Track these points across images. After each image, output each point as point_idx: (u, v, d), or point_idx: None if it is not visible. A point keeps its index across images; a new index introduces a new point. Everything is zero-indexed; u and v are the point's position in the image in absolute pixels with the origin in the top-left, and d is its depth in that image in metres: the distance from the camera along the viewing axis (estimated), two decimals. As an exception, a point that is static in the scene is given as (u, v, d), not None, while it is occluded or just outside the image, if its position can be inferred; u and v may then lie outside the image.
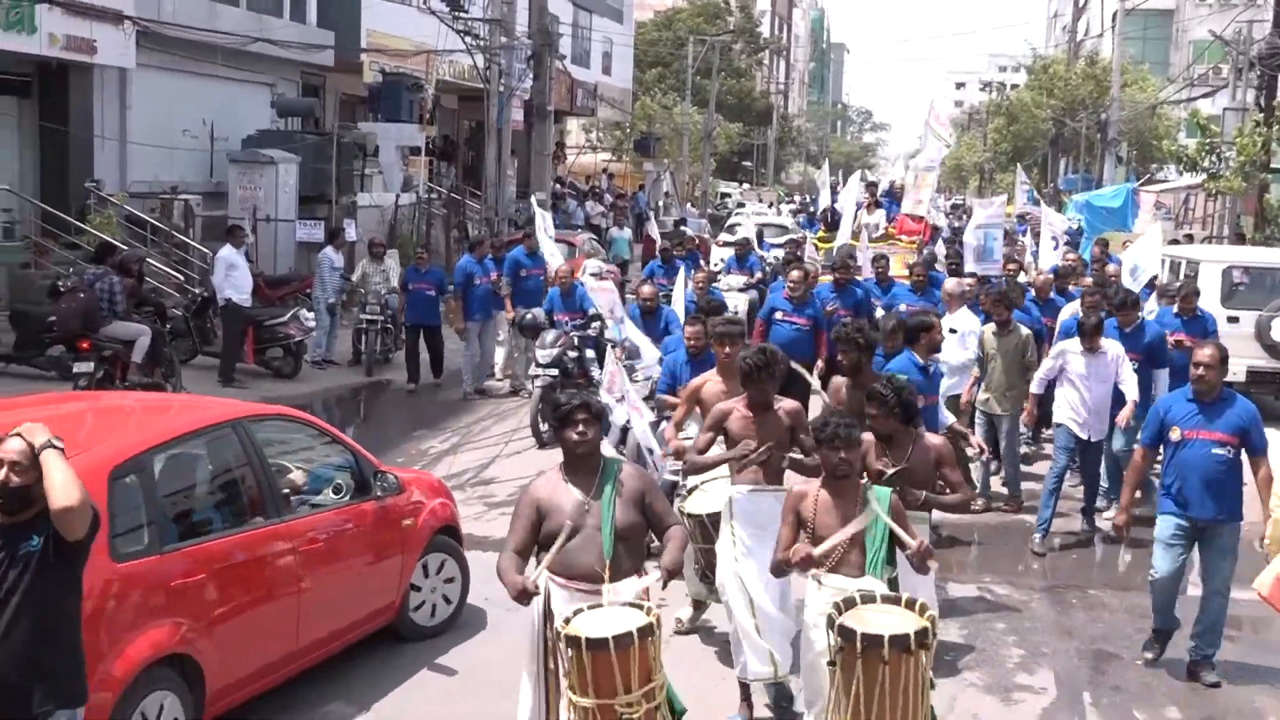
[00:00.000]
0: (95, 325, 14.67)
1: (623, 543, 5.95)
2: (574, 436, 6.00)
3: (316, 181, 24.44)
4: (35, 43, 19.74)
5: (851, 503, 6.21)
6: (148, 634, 6.22)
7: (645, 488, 6.17)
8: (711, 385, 8.77)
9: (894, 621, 5.45)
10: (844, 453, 6.21)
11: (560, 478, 6.09)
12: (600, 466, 6.08)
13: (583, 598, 5.80)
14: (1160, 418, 8.43)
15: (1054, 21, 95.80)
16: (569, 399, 6.05)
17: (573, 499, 5.98)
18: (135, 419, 7.46)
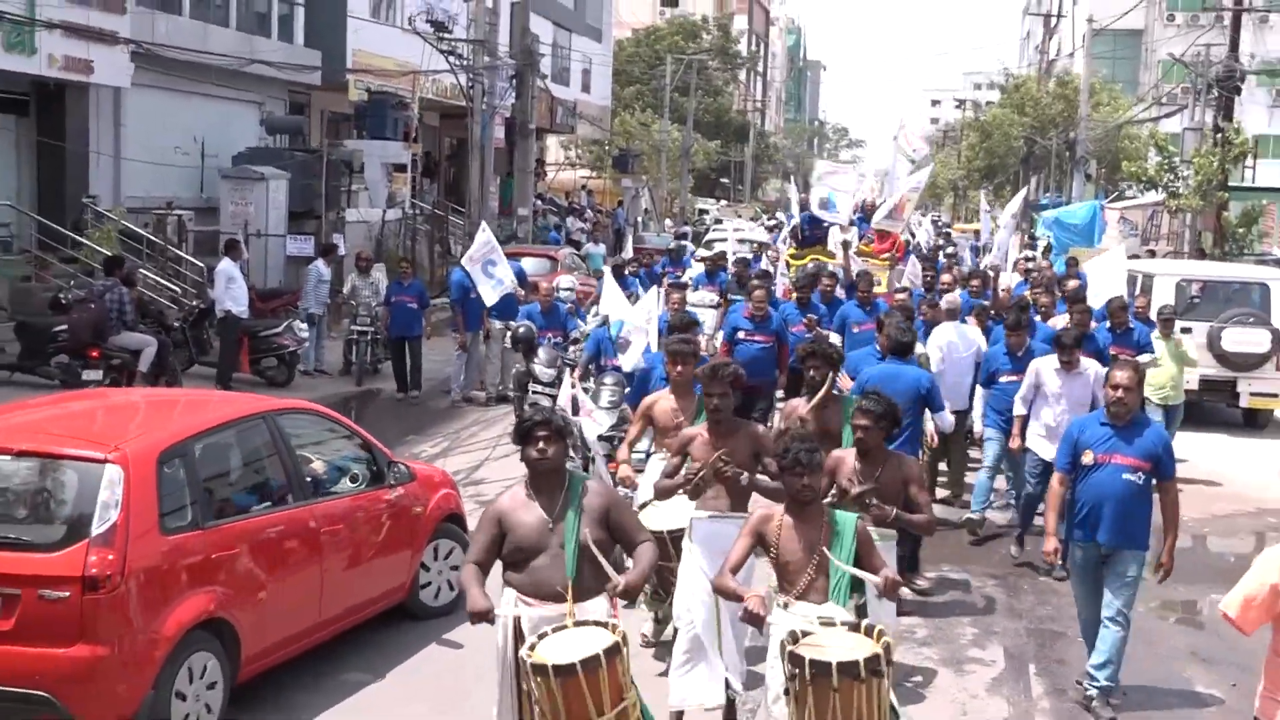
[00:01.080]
0: (105, 335, 15.38)
1: (587, 562, 5.91)
2: (534, 454, 5.98)
3: (305, 197, 25.13)
4: (35, 63, 20.38)
5: (816, 528, 6.19)
6: (192, 599, 6.97)
7: (610, 504, 6.13)
8: (663, 403, 8.76)
9: (846, 648, 5.45)
10: (806, 478, 6.18)
11: (524, 494, 6.08)
12: (565, 483, 6.06)
13: (552, 617, 5.84)
14: (1074, 440, 8.19)
15: (1027, 41, 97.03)
16: (530, 416, 6.06)
17: (536, 516, 5.98)
18: (178, 410, 8.26)
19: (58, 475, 6.97)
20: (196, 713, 7.00)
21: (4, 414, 8.03)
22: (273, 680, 7.84)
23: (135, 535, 6.70)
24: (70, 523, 6.74)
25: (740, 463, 7.42)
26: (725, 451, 7.30)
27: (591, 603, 5.94)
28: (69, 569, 6.54)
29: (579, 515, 5.96)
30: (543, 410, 6.14)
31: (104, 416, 8.16)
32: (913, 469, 7.85)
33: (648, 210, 56.86)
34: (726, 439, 7.54)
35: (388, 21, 32.20)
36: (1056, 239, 33.70)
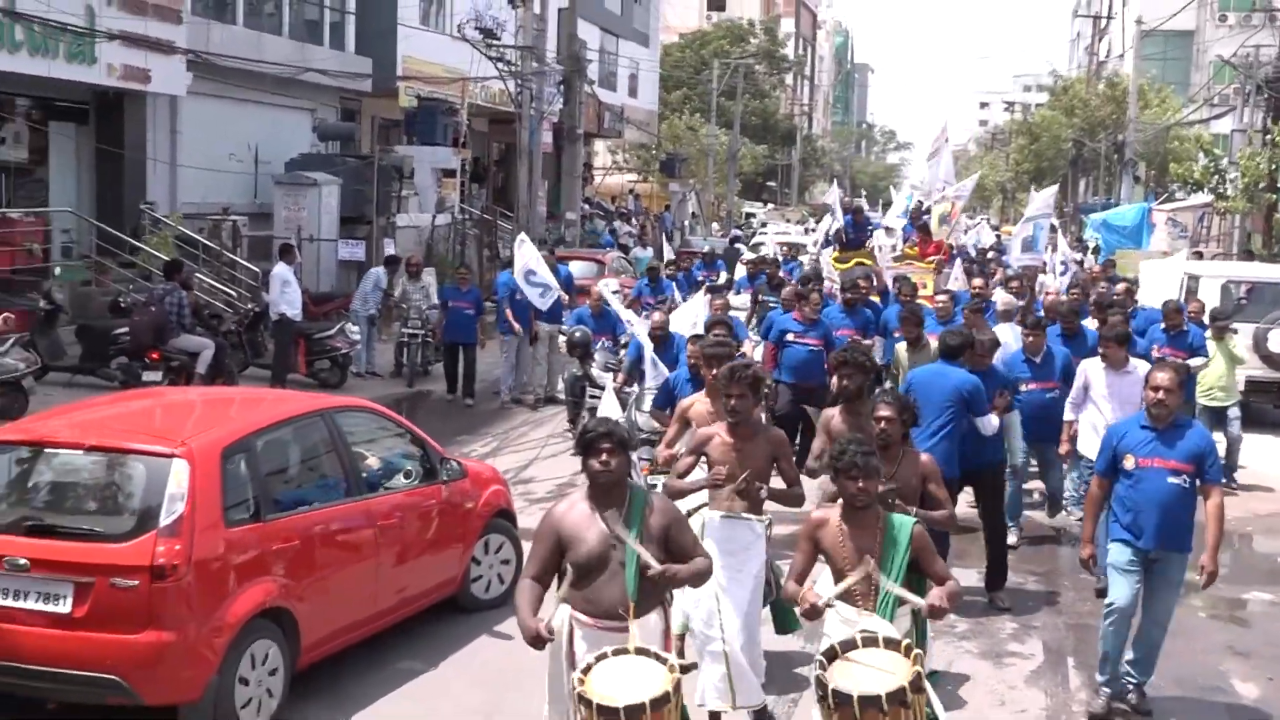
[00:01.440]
0: (164, 338, 15.80)
1: (647, 579, 5.83)
2: (597, 466, 5.85)
3: (356, 203, 25.54)
4: (95, 73, 20.86)
5: (871, 533, 6.13)
6: (254, 589, 7.28)
7: (670, 521, 5.98)
8: (700, 406, 8.66)
9: (876, 674, 5.43)
10: (862, 482, 6.09)
11: (587, 507, 5.94)
12: (628, 499, 5.95)
13: (606, 637, 5.74)
14: (1113, 446, 8.00)
15: (1076, 42, 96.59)
16: (593, 428, 5.91)
17: (597, 532, 5.84)
18: (240, 408, 8.59)
19: (127, 470, 7.30)
20: (258, 698, 7.31)
21: (72, 412, 8.38)
22: (330, 668, 8.13)
23: (200, 527, 7.02)
24: (139, 515, 7.05)
25: (757, 467, 7.40)
26: (750, 474, 7.29)
27: (648, 618, 5.86)
28: (138, 559, 6.85)
29: (641, 531, 5.84)
30: (606, 422, 5.97)
31: (169, 414, 8.50)
32: (930, 465, 7.80)
33: (695, 214, 57.07)
34: (745, 441, 7.48)
35: (437, 29, 32.61)
36: (1104, 241, 33.72)
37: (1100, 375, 10.94)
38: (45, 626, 6.89)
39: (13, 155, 22.18)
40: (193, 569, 6.93)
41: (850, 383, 8.52)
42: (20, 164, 22.31)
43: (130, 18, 21.09)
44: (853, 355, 8.72)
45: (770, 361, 14.15)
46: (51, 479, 7.50)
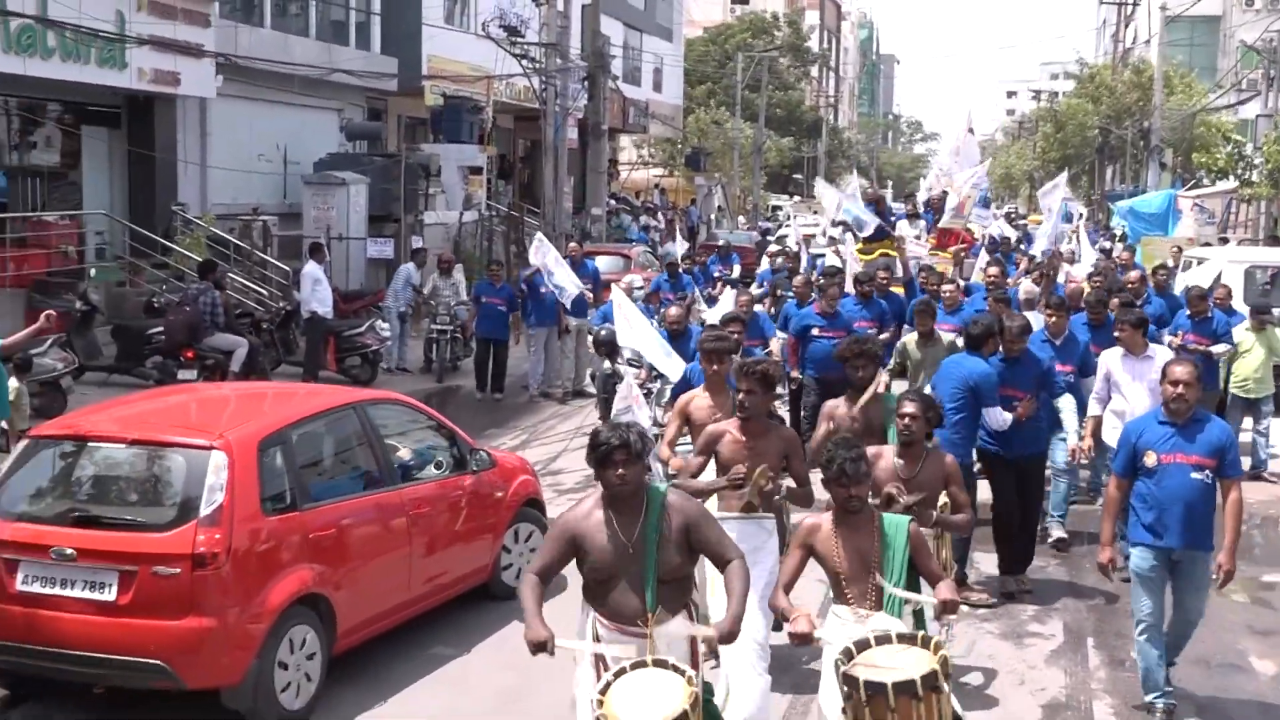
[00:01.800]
0: (199, 336, 16.10)
1: (667, 585, 5.68)
2: (613, 479, 5.63)
3: (384, 201, 25.80)
4: (126, 77, 21.18)
5: (867, 535, 6.06)
6: (292, 576, 7.53)
7: (691, 519, 5.75)
8: (699, 401, 8.44)
9: (902, 665, 5.37)
10: (852, 489, 6.01)
11: (602, 514, 5.73)
12: (644, 502, 5.72)
13: (631, 640, 5.64)
14: (1132, 443, 7.80)
15: (1103, 30, 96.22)
16: (607, 439, 5.63)
17: (614, 539, 5.66)
18: (275, 402, 8.84)
19: (167, 462, 7.55)
20: (297, 681, 7.55)
21: (113, 407, 8.65)
22: (366, 654, 8.36)
23: (239, 516, 7.26)
24: (180, 505, 7.31)
25: (769, 464, 7.34)
26: (765, 468, 7.24)
27: (672, 625, 5.71)
28: (180, 547, 7.10)
29: (659, 537, 5.65)
30: (618, 430, 5.68)
31: (207, 408, 8.77)
32: (953, 466, 7.73)
33: (721, 208, 57.20)
34: (755, 438, 7.42)
35: (461, 28, 32.85)
36: (1131, 228, 33.67)
37: (1119, 363, 10.87)
38: (91, 614, 7.15)
39: (46, 159, 22.54)
40: (232, 557, 7.17)
41: (864, 374, 8.56)
42: (54, 168, 22.67)
43: (159, 22, 21.39)
44: (864, 345, 8.76)
45: (791, 355, 14.19)
46: (95, 472, 7.75)
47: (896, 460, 7.69)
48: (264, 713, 7.34)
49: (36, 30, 18.99)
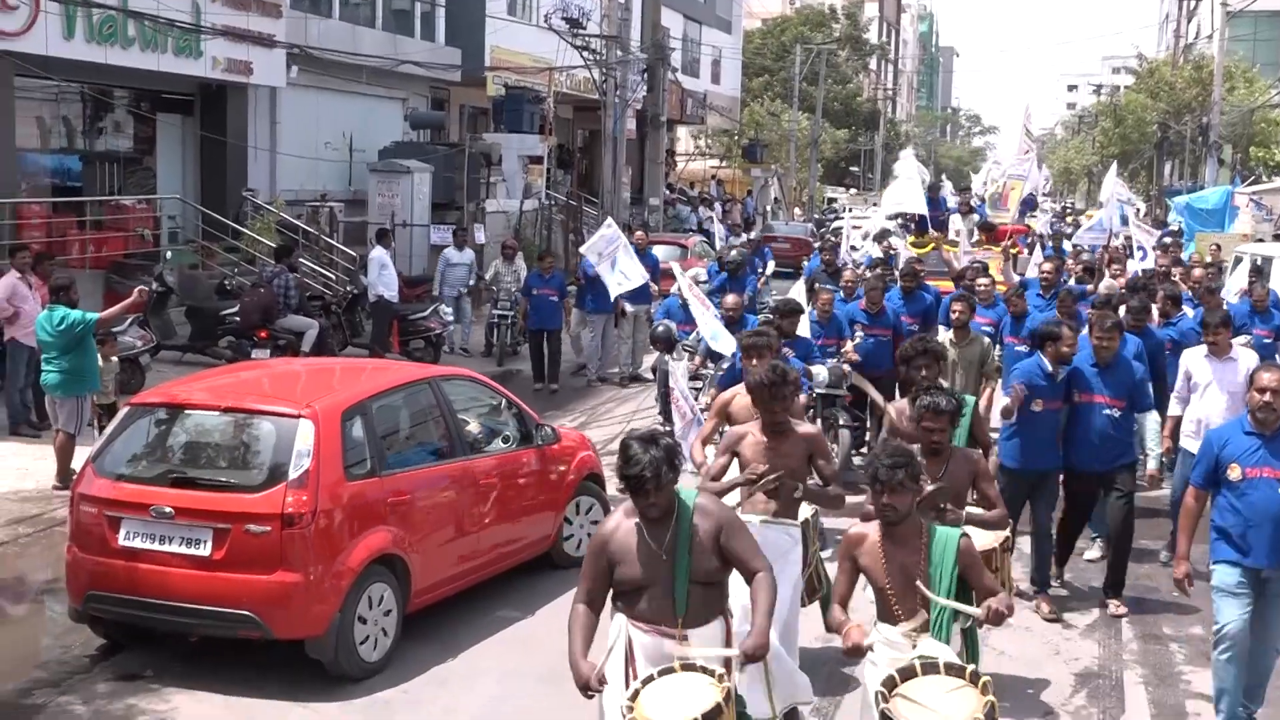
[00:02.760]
0: (273, 318, 16.75)
1: (699, 590, 5.57)
2: (644, 505, 5.54)
3: (447, 189, 26.42)
4: (200, 66, 21.86)
5: (913, 550, 5.81)
6: (371, 537, 8.09)
7: (722, 526, 5.63)
8: (741, 399, 8.29)
9: (945, 707, 5.16)
10: (886, 497, 5.75)
11: (632, 522, 5.63)
12: (675, 510, 5.60)
13: (663, 644, 5.55)
14: (1215, 454, 7.28)
15: (1165, 25, 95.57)
16: (639, 467, 5.41)
17: (644, 548, 5.57)
18: (359, 375, 9.43)
19: (258, 429, 8.13)
20: (374, 635, 8.11)
21: (204, 379, 9.25)
22: (437, 614, 8.91)
23: (325, 480, 7.82)
24: (270, 469, 7.89)
25: (793, 468, 7.16)
26: (778, 475, 7.05)
27: (707, 629, 5.62)
28: (270, 507, 7.68)
29: (690, 543, 5.55)
30: (650, 458, 5.40)
31: (294, 380, 9.35)
32: (981, 463, 7.48)
33: (777, 199, 57.52)
34: (779, 439, 7.25)
35: (523, 19, 33.42)
36: (1187, 224, 33.74)
37: (1203, 365, 10.34)
38: (188, 568, 7.74)
39: (122, 145, 23.31)
40: (317, 518, 7.74)
41: (928, 374, 8.24)
42: (129, 153, 23.42)
43: (233, 13, 22.05)
44: (929, 345, 8.56)
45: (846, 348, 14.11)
46: (191, 437, 8.35)
47: (922, 461, 7.02)
48: (344, 663, 7.91)
49: (117, 21, 19.70)
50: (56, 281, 12.58)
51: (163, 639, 8.50)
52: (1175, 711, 8.05)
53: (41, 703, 7.69)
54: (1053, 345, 9.57)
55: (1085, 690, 8.30)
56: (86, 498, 8.12)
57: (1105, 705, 8.08)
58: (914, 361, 8.43)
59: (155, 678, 8.03)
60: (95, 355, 12.44)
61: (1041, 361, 9.59)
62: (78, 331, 11.94)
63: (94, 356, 12.39)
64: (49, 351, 12.06)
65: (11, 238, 17.88)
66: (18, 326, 13.70)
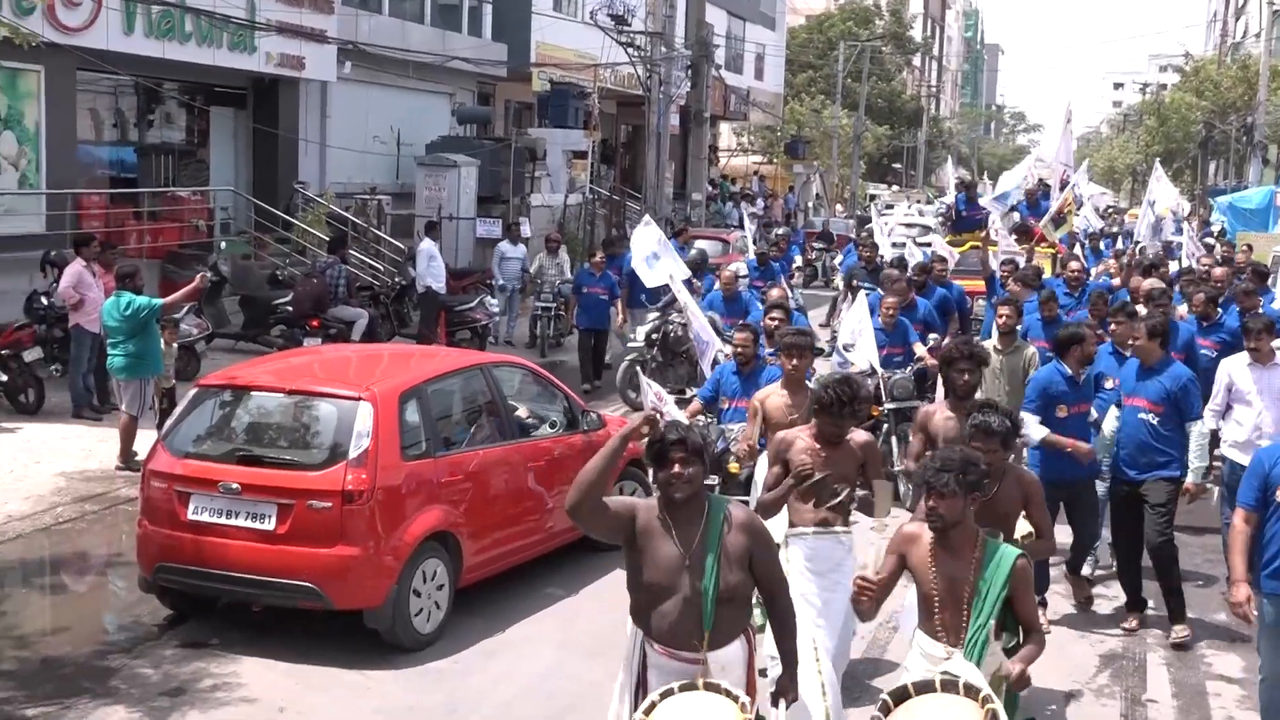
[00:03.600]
0: (324, 307, 17.23)
1: (725, 606, 5.20)
2: (671, 478, 5.16)
3: (493, 183, 26.87)
4: (254, 60, 22.38)
5: (965, 561, 5.56)
6: (425, 514, 8.52)
7: (753, 540, 5.29)
8: (775, 399, 8.26)
9: None
10: (933, 501, 5.52)
11: (660, 519, 5.24)
12: (704, 512, 5.24)
13: (682, 668, 5.17)
14: (1263, 474, 6.77)
15: (1213, 24, 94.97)
16: (663, 434, 5.18)
17: (669, 551, 5.19)
18: (414, 360, 9.86)
19: (320, 410, 8.58)
20: (428, 608, 8.52)
21: (267, 363, 9.70)
22: (487, 590, 9.32)
23: (382, 460, 8.24)
24: (331, 448, 8.32)
25: (843, 475, 6.97)
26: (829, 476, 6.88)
27: (728, 650, 5.26)
28: (331, 484, 8.11)
29: (719, 551, 5.19)
30: (678, 427, 5.29)
31: (352, 364, 9.78)
32: (1034, 486, 6.98)
33: (819, 196, 57.70)
34: (832, 448, 7.03)
35: (569, 15, 33.82)
36: (1230, 224, 33.77)
37: (1245, 373, 9.84)
38: (253, 541, 8.18)
39: (176, 137, 23.86)
40: (376, 495, 8.15)
41: (970, 379, 8.03)
42: (183, 146, 23.98)
43: (286, 8, 22.54)
44: (971, 348, 8.19)
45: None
46: (256, 417, 8.81)
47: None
48: (399, 634, 8.32)
49: (175, 16, 20.22)
50: (123, 269, 13.04)
51: (227, 609, 8.96)
52: (1196, 690, 8.36)
53: (115, 666, 8.14)
54: (1079, 348, 9.32)
55: (1109, 670, 8.64)
56: (157, 474, 8.58)
57: (1128, 684, 8.41)
58: (955, 365, 8.07)
59: (220, 645, 8.48)
60: (159, 339, 12.92)
61: (1060, 367, 9.30)
62: (143, 316, 12.40)
63: (157, 341, 12.86)
64: (115, 336, 12.52)
65: (73, 228, 18.44)
66: (82, 313, 14.20)
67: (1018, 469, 7.15)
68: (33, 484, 11.94)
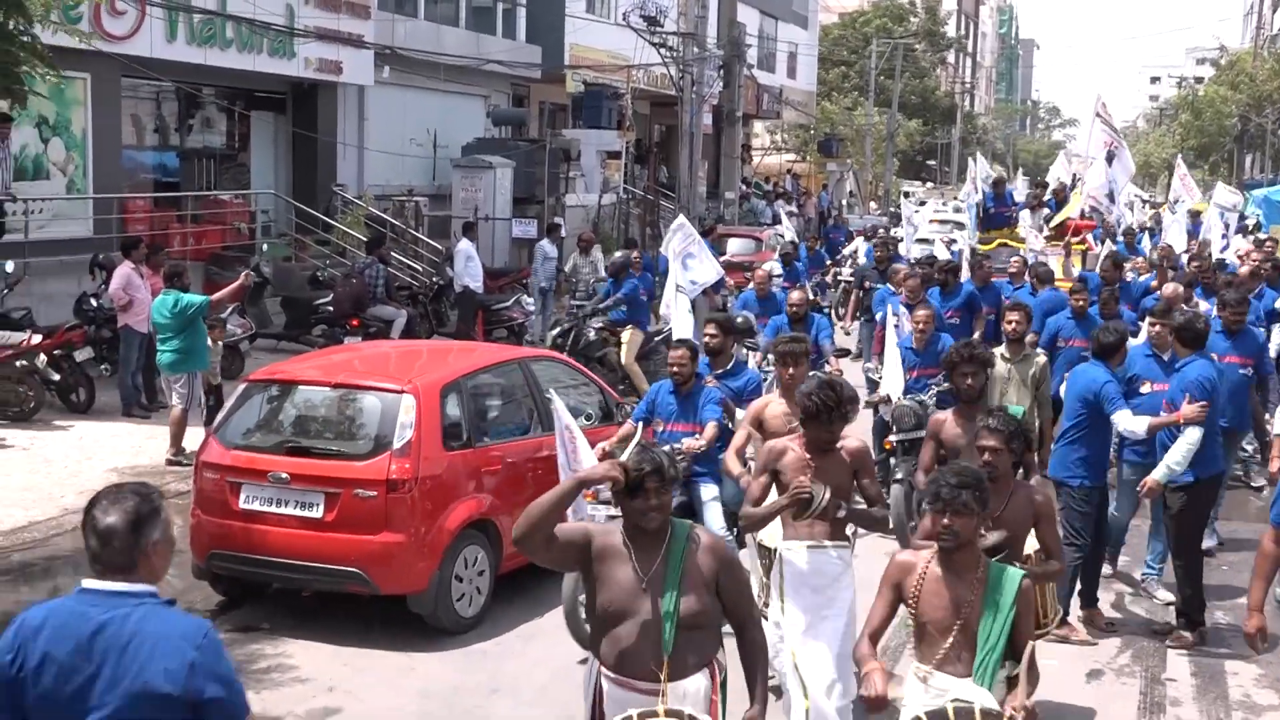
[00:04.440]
0: (364, 307, 17.61)
1: (687, 633, 4.89)
2: (643, 508, 4.89)
3: (528, 184, 27.23)
4: (294, 66, 22.86)
5: (968, 585, 5.25)
6: (466, 503, 8.87)
7: (721, 564, 4.99)
8: (774, 408, 8.02)
9: None
10: (948, 518, 5.18)
11: (620, 539, 4.97)
12: (667, 535, 4.96)
13: (639, 699, 4.84)
14: None
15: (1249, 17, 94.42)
16: (638, 465, 4.88)
17: (627, 574, 4.90)
18: (454, 355, 10.21)
19: (365, 403, 8.93)
20: (469, 593, 8.87)
21: (312, 359, 10.05)
22: (525, 577, 9.62)
23: (425, 450, 8.59)
24: (375, 439, 8.67)
25: (837, 487, 6.48)
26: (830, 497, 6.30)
27: (690, 681, 4.93)
28: (376, 474, 8.45)
29: (680, 576, 4.90)
30: (651, 456, 4.94)
31: (395, 360, 10.14)
32: (1045, 505, 6.64)
33: (852, 193, 57.84)
34: (823, 456, 6.64)
35: (602, 17, 34.15)
36: (1266, 217, 33.72)
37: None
38: (301, 529, 8.54)
39: (217, 142, 24.34)
40: (419, 483, 8.50)
41: (974, 382, 7.74)
42: (224, 150, 24.46)
43: (325, 14, 23.00)
44: (974, 350, 7.87)
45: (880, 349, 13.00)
46: (303, 410, 9.18)
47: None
48: (442, 617, 8.67)
49: (217, 24, 20.68)
50: (171, 269, 13.45)
51: (278, 594, 9.33)
52: (1214, 671, 8.59)
53: (171, 649, 8.49)
54: (1118, 354, 9.11)
55: (1130, 651, 8.89)
56: (209, 465, 8.95)
57: (1148, 665, 8.66)
58: (959, 369, 7.80)
59: (271, 629, 8.85)
60: (206, 336, 13.32)
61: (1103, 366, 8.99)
62: (191, 313, 12.79)
63: (205, 337, 13.26)
64: (164, 333, 12.92)
65: (119, 231, 18.90)
66: (131, 314, 14.61)
67: (1029, 485, 6.91)
68: (86, 479, 12.33)
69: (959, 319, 13.77)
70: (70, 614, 3.82)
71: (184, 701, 3.72)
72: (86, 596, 3.85)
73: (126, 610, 3.79)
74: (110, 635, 3.75)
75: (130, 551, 3.84)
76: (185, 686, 3.71)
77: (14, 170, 18.06)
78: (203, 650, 3.76)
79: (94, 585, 3.86)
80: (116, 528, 3.83)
